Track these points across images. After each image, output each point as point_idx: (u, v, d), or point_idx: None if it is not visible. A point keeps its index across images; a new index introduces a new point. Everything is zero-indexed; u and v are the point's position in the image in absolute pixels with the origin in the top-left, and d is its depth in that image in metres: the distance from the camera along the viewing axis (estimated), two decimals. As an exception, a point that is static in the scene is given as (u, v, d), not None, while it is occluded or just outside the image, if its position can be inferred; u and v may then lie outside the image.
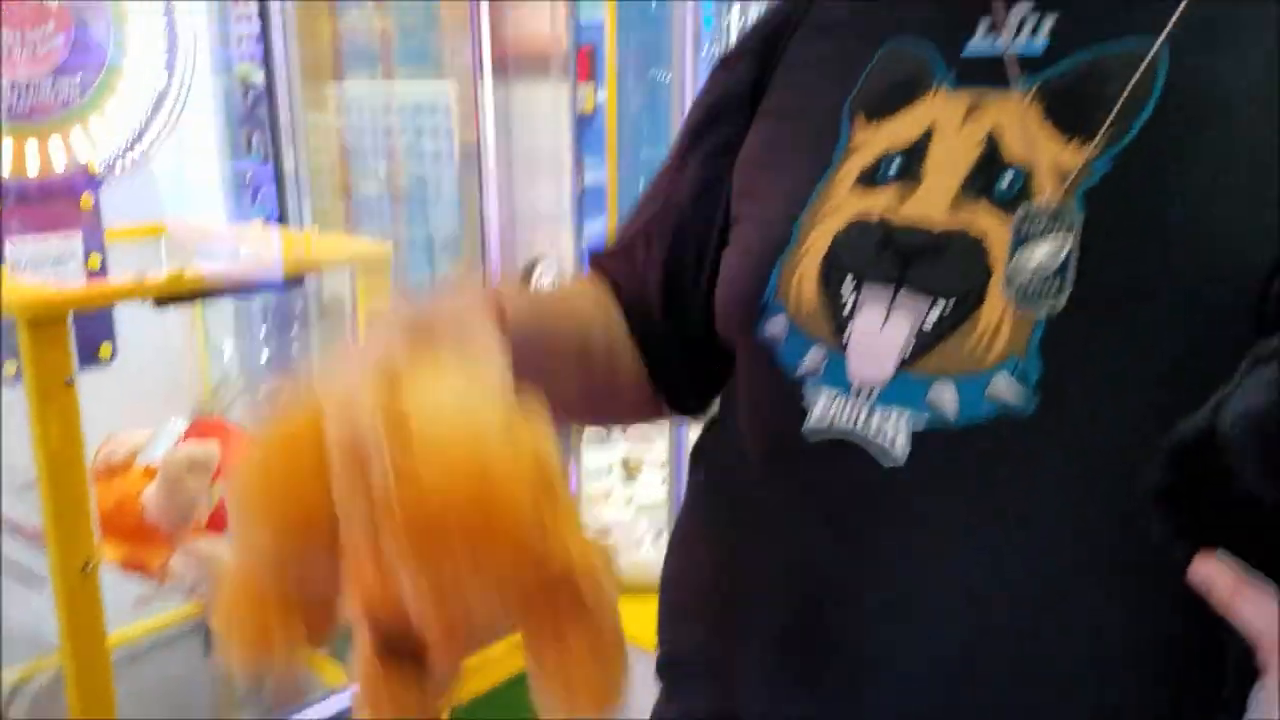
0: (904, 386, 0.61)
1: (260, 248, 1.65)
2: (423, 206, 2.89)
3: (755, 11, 3.28)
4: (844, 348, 0.65)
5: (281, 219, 2.41)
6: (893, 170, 0.67)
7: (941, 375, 0.61)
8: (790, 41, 0.79)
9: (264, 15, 2.34)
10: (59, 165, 1.77)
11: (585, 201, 2.27)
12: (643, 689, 0.67)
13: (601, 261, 0.87)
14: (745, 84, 0.80)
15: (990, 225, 0.62)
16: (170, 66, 1.89)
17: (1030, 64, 0.65)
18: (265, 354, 2.23)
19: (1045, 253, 0.59)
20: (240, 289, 1.44)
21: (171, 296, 1.33)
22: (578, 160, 2.06)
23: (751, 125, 0.79)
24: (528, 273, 1.65)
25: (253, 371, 2.21)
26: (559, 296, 0.91)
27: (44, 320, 1.23)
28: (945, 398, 0.60)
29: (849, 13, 0.77)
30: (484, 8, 1.49)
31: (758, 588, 0.68)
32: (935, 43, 0.70)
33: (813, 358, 0.67)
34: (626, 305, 0.84)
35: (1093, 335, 0.58)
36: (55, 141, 1.78)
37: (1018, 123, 0.63)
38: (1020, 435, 0.58)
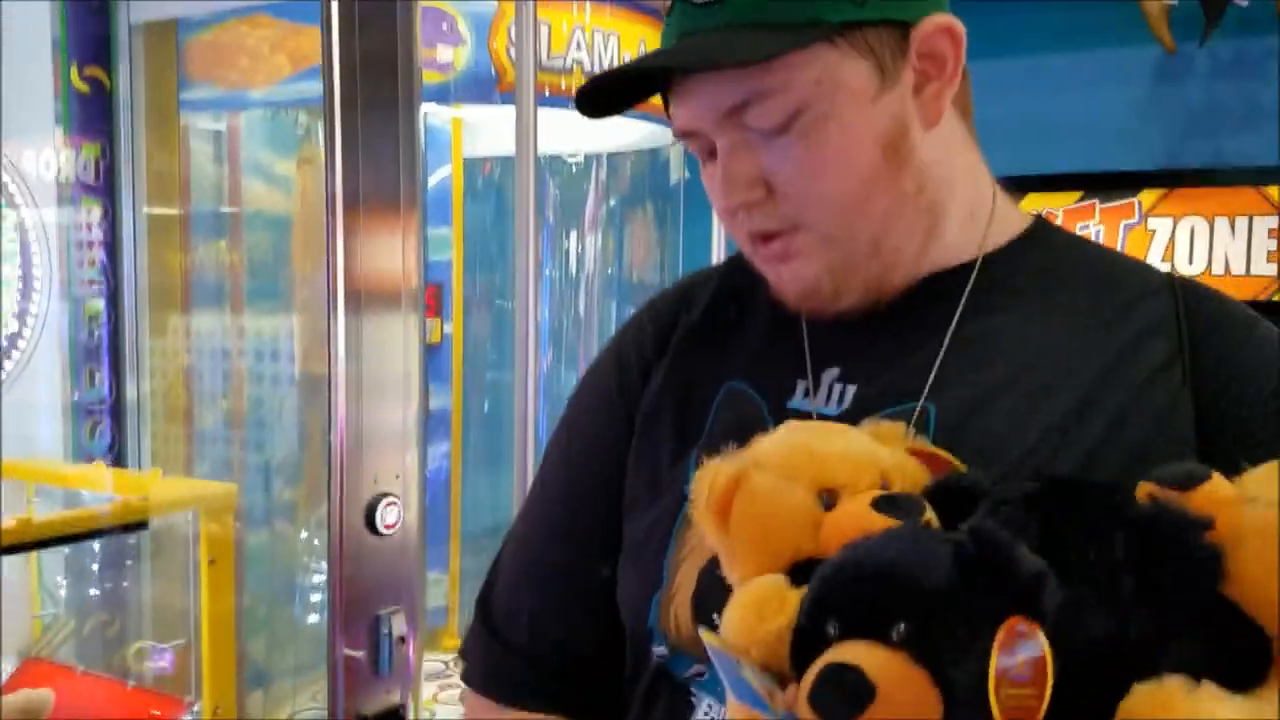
0: None
1: (104, 490, 1.67)
2: (261, 433, 2.93)
3: (591, 240, 3.49)
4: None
5: (120, 451, 2.42)
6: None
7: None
8: (661, 363, 0.93)
9: (113, 248, 2.42)
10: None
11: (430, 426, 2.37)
12: None
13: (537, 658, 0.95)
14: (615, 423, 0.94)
15: None
16: (23, 312, 1.93)
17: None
18: (96, 593, 2.20)
19: None
20: (86, 535, 1.46)
21: (15, 545, 1.34)
22: (424, 387, 2.14)
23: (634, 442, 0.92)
24: (371, 510, 1.70)
25: (84, 610, 2.17)
26: None
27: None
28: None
29: (698, 352, 0.92)
30: (340, 245, 1.61)
31: None
32: (764, 395, 0.86)
33: (695, 669, 0.81)
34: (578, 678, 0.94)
35: None
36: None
37: None
38: None
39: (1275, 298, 2.25)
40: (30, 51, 2.31)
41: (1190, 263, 2.35)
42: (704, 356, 0.92)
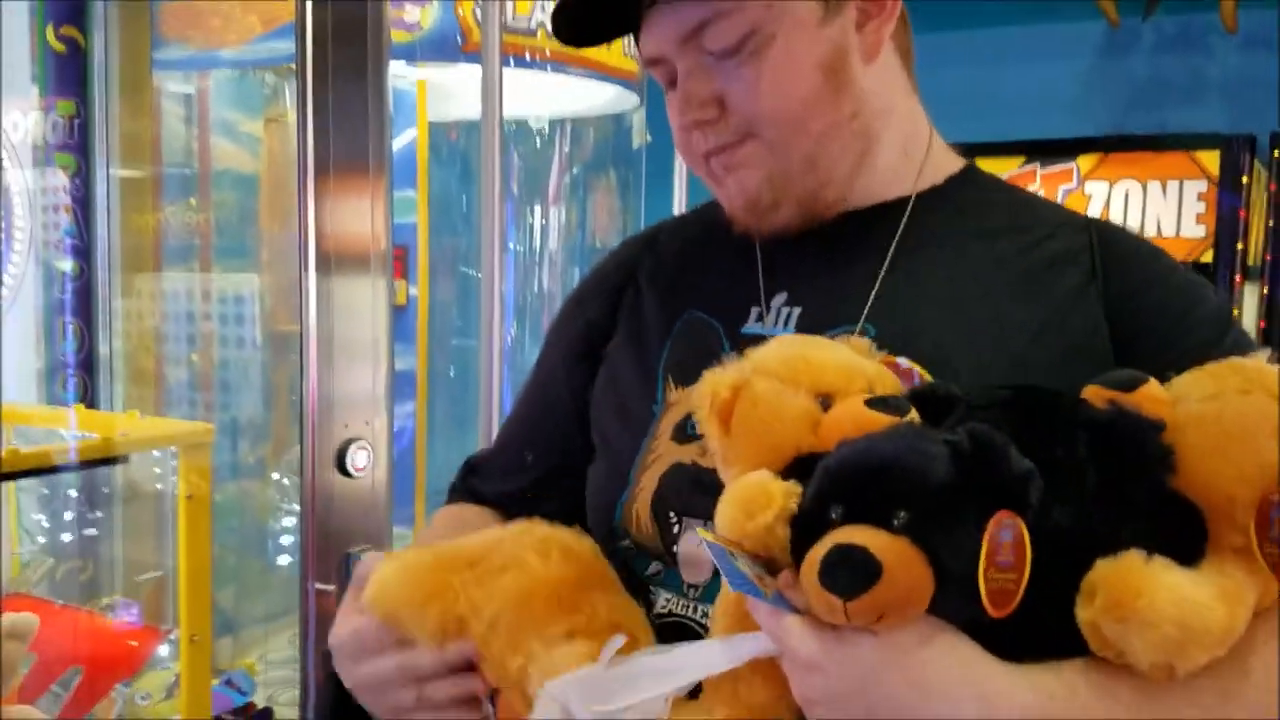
0: (716, 586, 0.83)
1: (85, 429, 1.74)
2: (228, 390, 2.98)
3: (554, 215, 3.56)
4: (675, 562, 0.89)
5: (93, 404, 2.47)
6: (696, 427, 0.88)
7: None
8: (624, 298, 1.05)
9: (86, 205, 2.47)
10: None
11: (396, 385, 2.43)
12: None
13: (479, 485, 1.11)
14: (594, 325, 1.06)
15: None
16: (2, 265, 1.98)
17: None
18: (70, 535, 2.27)
19: None
20: (74, 465, 1.53)
21: (8, 474, 1.42)
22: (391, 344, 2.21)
23: (601, 364, 1.03)
24: (342, 453, 1.79)
25: (59, 550, 2.24)
26: None
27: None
28: None
29: (660, 286, 1.03)
30: (311, 208, 1.69)
31: None
32: (720, 321, 0.97)
33: (654, 568, 0.92)
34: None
35: None
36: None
37: None
38: None
39: (1204, 259, 2.39)
40: (7, 12, 2.35)
41: (1124, 223, 2.47)
42: (667, 291, 1.03)
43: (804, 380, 0.77)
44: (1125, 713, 0.68)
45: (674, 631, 0.88)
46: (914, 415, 0.74)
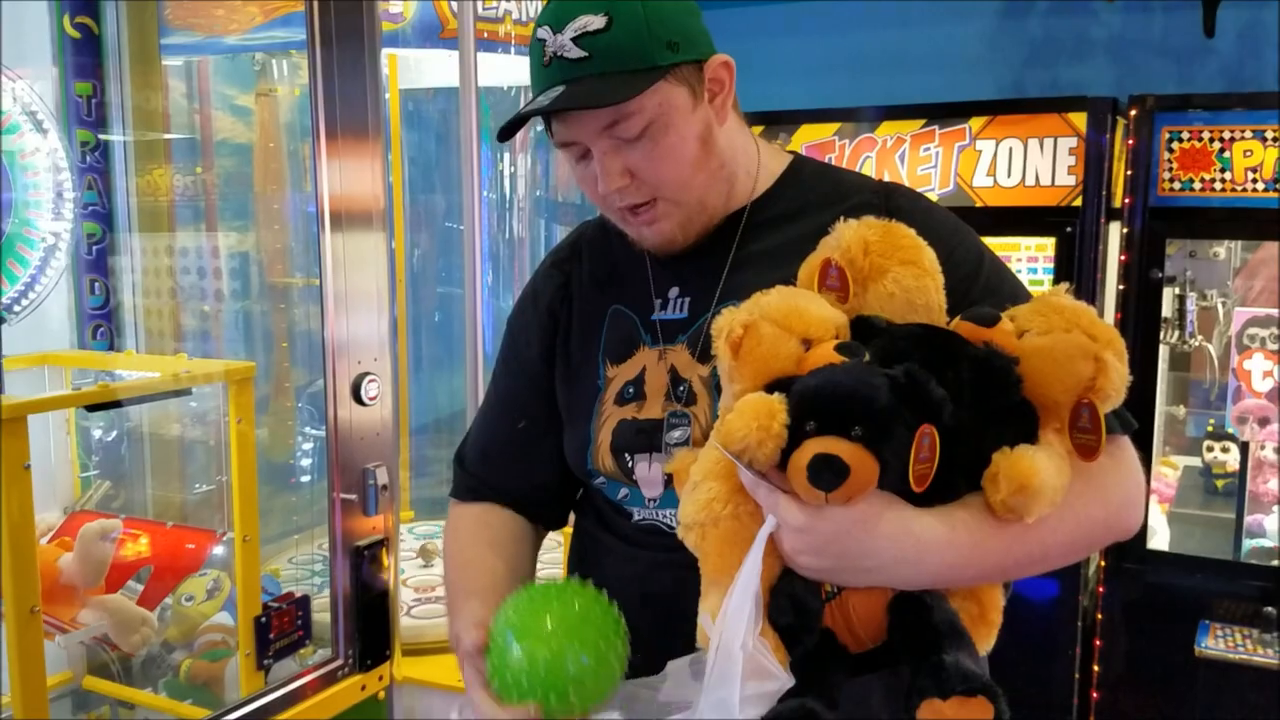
0: (669, 496, 1.16)
1: (143, 370, 2.08)
2: (232, 337, 3.30)
3: (522, 162, 3.87)
4: (636, 485, 1.22)
5: (119, 350, 2.79)
6: (630, 393, 1.24)
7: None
8: (568, 302, 1.35)
9: (106, 174, 2.77)
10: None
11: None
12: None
13: (490, 483, 1.42)
14: (540, 327, 1.37)
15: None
16: (58, 231, 2.28)
17: (682, 325, 1.22)
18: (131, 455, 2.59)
19: (679, 434, 1.17)
20: (147, 398, 1.87)
21: (100, 403, 1.76)
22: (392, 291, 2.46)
23: (556, 351, 1.34)
24: (356, 385, 2.09)
25: (120, 471, 2.58)
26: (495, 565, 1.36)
27: (14, 419, 1.62)
28: None
29: (590, 288, 1.34)
30: (323, 171, 1.96)
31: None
32: (636, 313, 1.27)
33: (623, 492, 1.25)
34: (523, 501, 1.40)
35: None
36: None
37: (683, 360, 1.22)
38: None
39: (1075, 203, 2.78)
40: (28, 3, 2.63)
41: (1009, 175, 2.86)
42: (595, 291, 1.35)
43: (796, 328, 1.00)
44: (988, 526, 0.99)
45: (649, 530, 1.22)
46: (867, 357, 0.98)
